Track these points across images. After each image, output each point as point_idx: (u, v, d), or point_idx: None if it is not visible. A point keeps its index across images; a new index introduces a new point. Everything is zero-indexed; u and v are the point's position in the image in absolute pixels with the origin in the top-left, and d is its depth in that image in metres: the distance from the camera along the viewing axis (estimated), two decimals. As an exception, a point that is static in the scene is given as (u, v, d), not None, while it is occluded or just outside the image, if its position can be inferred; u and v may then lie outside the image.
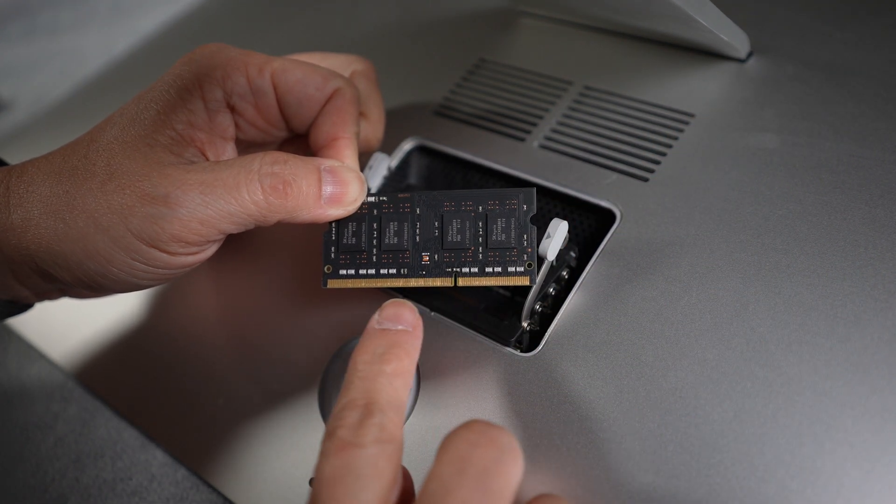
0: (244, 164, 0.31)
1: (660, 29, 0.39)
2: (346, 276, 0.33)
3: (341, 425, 0.26)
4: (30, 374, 0.42)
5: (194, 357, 0.38)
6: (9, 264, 0.33)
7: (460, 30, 0.47)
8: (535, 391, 0.32)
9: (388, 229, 0.33)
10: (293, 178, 0.31)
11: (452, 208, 0.33)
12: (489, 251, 0.32)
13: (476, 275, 0.32)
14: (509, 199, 0.33)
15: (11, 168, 0.33)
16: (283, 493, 0.34)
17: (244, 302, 0.39)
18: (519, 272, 0.32)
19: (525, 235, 0.32)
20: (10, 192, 0.32)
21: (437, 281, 0.32)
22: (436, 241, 0.33)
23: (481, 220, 0.33)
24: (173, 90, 0.33)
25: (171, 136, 0.32)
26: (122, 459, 0.38)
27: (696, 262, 0.32)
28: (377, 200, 0.34)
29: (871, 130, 0.34)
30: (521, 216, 0.32)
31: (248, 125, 0.35)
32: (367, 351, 0.28)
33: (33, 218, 0.31)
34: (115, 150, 0.31)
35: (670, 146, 0.37)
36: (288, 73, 0.34)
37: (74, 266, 0.32)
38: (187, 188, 0.30)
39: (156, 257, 0.31)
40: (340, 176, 0.32)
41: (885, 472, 0.26)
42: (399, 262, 0.33)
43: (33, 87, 0.66)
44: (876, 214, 0.32)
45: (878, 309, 0.29)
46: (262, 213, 0.31)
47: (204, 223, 0.31)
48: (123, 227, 0.30)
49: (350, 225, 0.33)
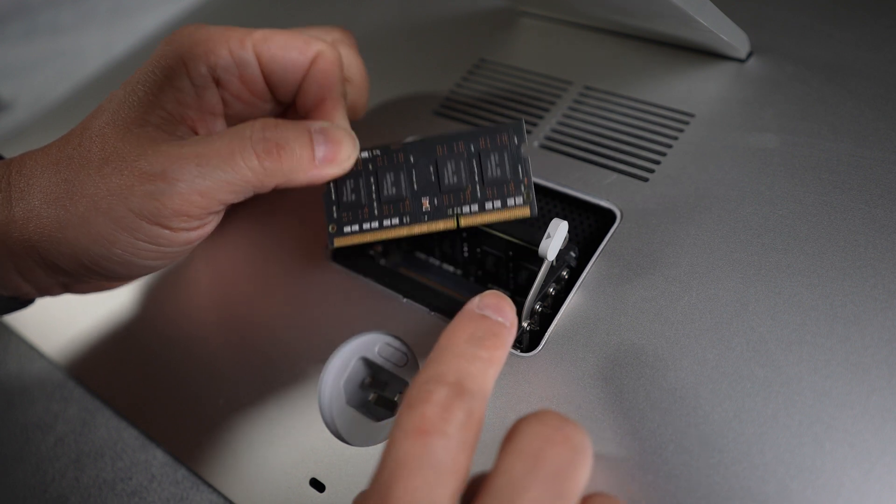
0: (236, 132, 0.31)
1: (660, 29, 0.40)
2: (351, 232, 0.34)
3: (427, 400, 0.24)
4: (30, 374, 0.42)
5: (194, 357, 0.38)
6: (12, 259, 0.33)
7: (460, 30, 0.47)
8: (535, 391, 0.32)
9: (386, 181, 0.34)
10: (285, 140, 0.31)
11: (445, 152, 0.34)
12: (486, 188, 0.33)
13: (477, 213, 0.33)
14: (500, 135, 0.33)
15: (10, 161, 0.33)
16: (283, 493, 0.34)
17: (245, 302, 0.39)
18: (518, 204, 0.33)
19: (520, 167, 0.33)
20: (12, 187, 0.32)
21: (440, 224, 0.33)
22: (433, 186, 0.33)
23: (475, 159, 0.33)
24: (158, 71, 0.33)
25: (161, 115, 0.33)
26: (123, 459, 0.38)
27: (696, 262, 0.32)
28: (371, 155, 0.34)
29: (870, 130, 0.34)
30: (513, 149, 0.33)
31: (236, 99, 0.35)
32: (465, 331, 0.27)
33: (34, 209, 0.32)
34: (108, 135, 0.32)
35: (670, 146, 0.37)
36: (269, 41, 0.34)
37: (79, 252, 0.32)
38: (183, 162, 0.31)
39: (159, 234, 0.32)
40: (332, 135, 0.33)
41: (884, 472, 0.26)
42: (401, 211, 0.33)
43: (33, 87, 0.66)
44: (876, 214, 0.32)
45: (877, 309, 0.29)
46: (259, 178, 0.31)
47: (203, 195, 0.31)
48: (124, 208, 0.31)
49: (348, 182, 0.34)
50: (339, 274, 0.38)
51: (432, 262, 0.39)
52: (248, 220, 0.41)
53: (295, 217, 0.40)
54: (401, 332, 0.35)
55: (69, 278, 0.35)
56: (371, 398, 0.35)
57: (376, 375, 0.36)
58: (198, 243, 0.34)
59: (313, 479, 0.33)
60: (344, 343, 0.36)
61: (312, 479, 0.33)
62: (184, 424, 0.37)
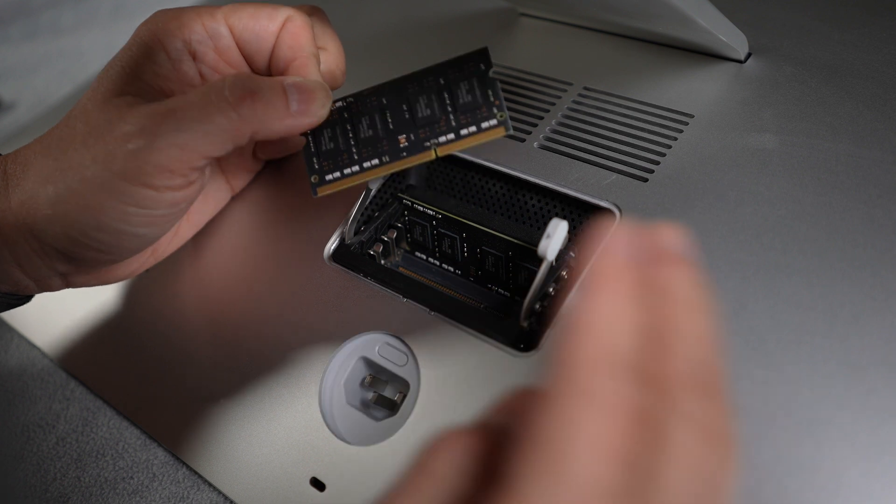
0: (211, 85, 0.32)
1: (659, 30, 0.40)
2: (333, 179, 0.34)
3: None
4: (31, 374, 0.42)
5: (195, 357, 0.39)
6: (9, 247, 0.34)
7: (460, 30, 0.47)
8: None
9: (361, 125, 0.35)
10: (258, 88, 0.32)
11: (416, 88, 0.34)
12: (460, 115, 0.34)
13: (453, 140, 0.34)
14: (466, 64, 0.34)
15: (7, 155, 0.35)
16: (283, 493, 0.34)
17: (245, 302, 0.39)
18: (493, 126, 0.33)
19: (490, 91, 0.34)
20: (8, 176, 0.34)
21: (419, 157, 0.34)
22: (408, 123, 0.34)
23: (446, 91, 0.34)
24: (135, 48, 0.35)
25: (139, 86, 0.34)
26: (124, 459, 0.38)
27: (695, 262, 0.32)
28: (345, 103, 0.35)
29: (869, 131, 0.34)
30: (481, 74, 0.34)
31: (212, 71, 0.36)
32: None
33: (28, 191, 0.33)
34: (89, 109, 0.33)
35: (670, 147, 0.37)
36: (239, 10, 0.36)
37: (69, 226, 0.33)
38: (159, 118, 0.31)
39: (144, 196, 0.32)
40: (303, 86, 0.33)
41: (884, 471, 0.26)
42: (379, 151, 0.34)
43: (35, 88, 0.67)
44: (874, 214, 0.32)
45: (876, 309, 0.29)
46: (235, 125, 0.32)
47: (183, 148, 0.31)
48: (109, 173, 0.32)
49: (325, 132, 0.35)
50: (338, 274, 0.38)
51: (432, 262, 0.39)
52: (249, 221, 0.41)
53: (295, 217, 0.40)
54: (401, 332, 0.35)
55: (66, 265, 0.35)
56: (371, 398, 0.35)
57: (376, 375, 0.36)
58: (185, 207, 0.35)
59: (313, 478, 0.34)
60: (344, 343, 0.36)
61: (313, 479, 0.34)
62: (185, 424, 0.37)
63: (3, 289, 0.36)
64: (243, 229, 0.41)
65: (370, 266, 0.38)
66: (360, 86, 0.36)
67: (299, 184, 0.41)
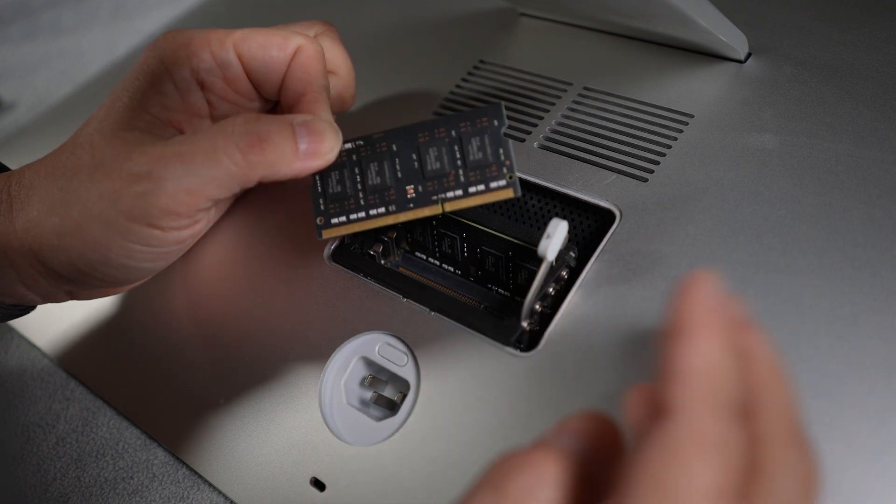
0: (219, 128, 0.32)
1: (659, 30, 0.40)
2: (339, 223, 0.34)
3: None
4: (31, 374, 0.43)
5: (195, 357, 0.39)
6: (15, 270, 0.33)
7: (460, 30, 0.47)
8: (534, 391, 0.32)
9: (370, 171, 0.34)
10: (267, 133, 0.32)
11: (427, 138, 0.34)
12: (469, 172, 0.33)
13: (461, 197, 0.33)
14: (479, 118, 0.34)
15: (10, 174, 0.34)
16: (283, 493, 0.34)
17: (245, 302, 0.39)
18: (501, 186, 0.33)
19: (501, 150, 0.33)
20: (13, 198, 0.33)
21: (426, 210, 0.33)
22: (417, 173, 0.34)
23: (456, 144, 0.33)
24: (142, 77, 0.34)
25: (147, 119, 0.33)
26: (124, 459, 0.38)
27: (695, 263, 0.33)
28: (354, 146, 0.35)
29: (869, 131, 0.34)
30: (493, 132, 0.33)
31: (221, 100, 0.36)
32: None
33: (33, 219, 0.32)
34: (97, 141, 0.32)
35: (670, 147, 0.37)
36: (249, 40, 0.35)
37: (76, 258, 0.32)
38: (168, 161, 0.31)
39: (150, 235, 0.32)
40: (314, 127, 0.33)
41: (884, 471, 0.26)
42: (386, 199, 0.34)
43: (35, 89, 0.67)
44: (874, 214, 0.32)
45: (876, 309, 0.29)
46: (243, 171, 0.32)
47: (191, 192, 0.31)
48: (115, 211, 0.31)
49: (333, 174, 0.34)
50: (338, 274, 0.38)
51: (432, 262, 0.39)
52: (249, 221, 0.41)
53: (295, 217, 0.40)
54: (401, 332, 0.35)
55: (72, 286, 0.35)
56: (371, 398, 0.35)
57: (376, 375, 0.36)
58: (191, 243, 0.34)
59: (314, 478, 0.34)
60: (344, 342, 0.36)
61: (313, 479, 0.34)
62: (185, 424, 0.37)
63: (8, 301, 0.36)
64: (244, 229, 0.41)
65: (370, 266, 0.38)
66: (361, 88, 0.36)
67: (299, 184, 0.41)
